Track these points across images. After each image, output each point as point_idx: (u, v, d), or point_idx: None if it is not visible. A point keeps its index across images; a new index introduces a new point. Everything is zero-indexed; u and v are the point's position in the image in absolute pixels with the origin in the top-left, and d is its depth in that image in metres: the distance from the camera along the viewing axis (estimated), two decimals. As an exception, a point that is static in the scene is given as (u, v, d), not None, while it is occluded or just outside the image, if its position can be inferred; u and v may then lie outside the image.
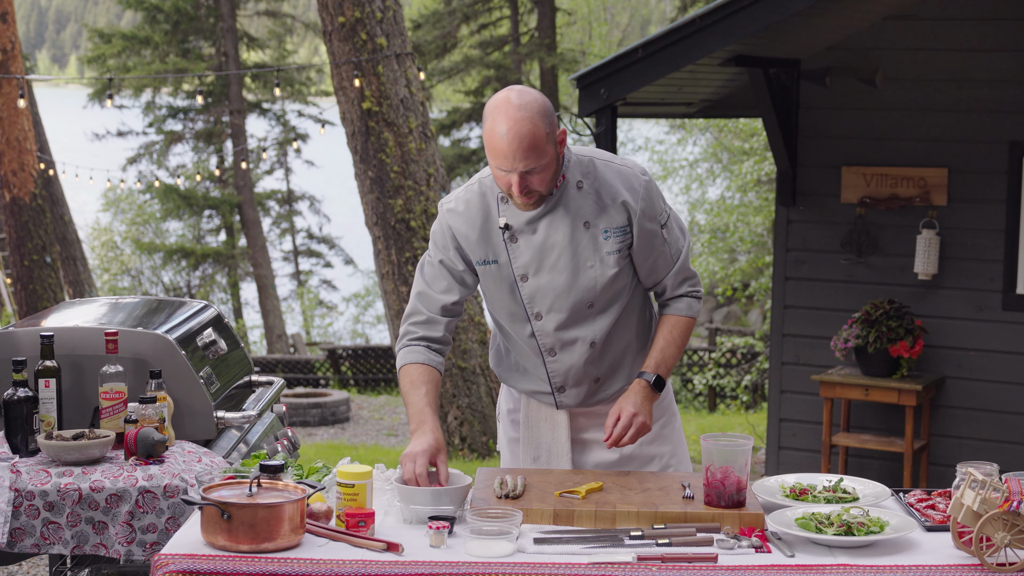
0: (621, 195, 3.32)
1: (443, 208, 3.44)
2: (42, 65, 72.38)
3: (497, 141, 3.15)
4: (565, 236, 3.31)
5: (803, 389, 7.18)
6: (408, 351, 3.43)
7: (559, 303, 3.36)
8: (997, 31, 6.65)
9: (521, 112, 3.14)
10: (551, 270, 3.34)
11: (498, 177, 3.22)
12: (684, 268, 3.45)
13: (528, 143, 3.13)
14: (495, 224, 3.36)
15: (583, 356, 3.41)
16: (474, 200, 3.38)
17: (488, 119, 3.18)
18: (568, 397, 3.49)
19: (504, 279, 3.39)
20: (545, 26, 24.08)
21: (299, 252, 28.87)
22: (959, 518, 2.81)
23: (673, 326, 3.45)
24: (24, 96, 12.73)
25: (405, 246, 10.99)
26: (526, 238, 3.34)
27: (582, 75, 6.56)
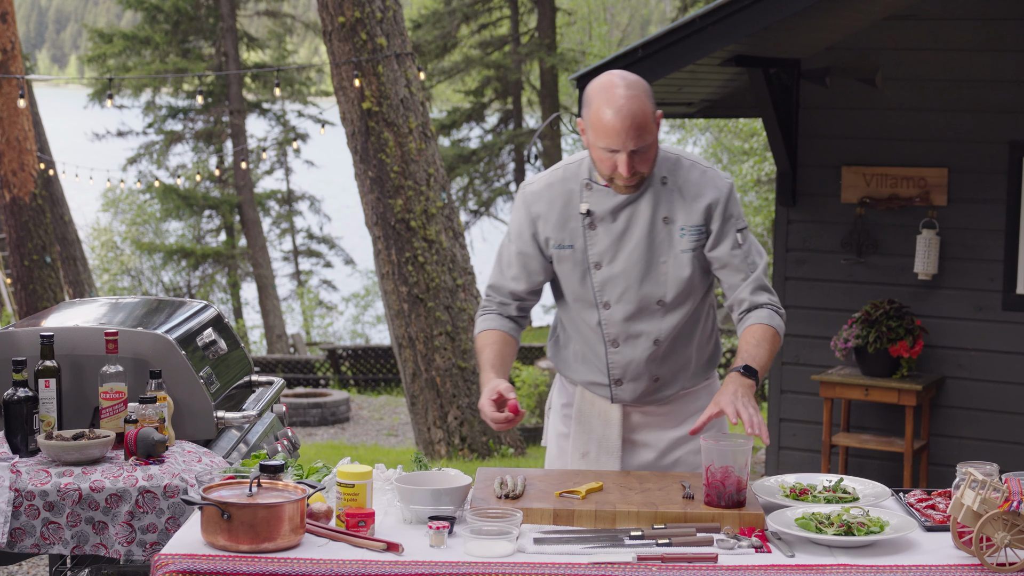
0: (703, 195, 3.36)
1: (524, 191, 3.48)
2: (42, 65, 72.38)
3: (609, 120, 3.19)
4: (643, 228, 3.35)
5: (803, 389, 7.18)
6: (482, 319, 3.57)
7: (629, 294, 3.39)
8: (997, 31, 6.65)
9: (631, 91, 3.21)
10: (626, 260, 3.37)
11: (603, 160, 3.25)
12: (762, 280, 3.41)
13: (639, 121, 3.19)
14: (575, 210, 3.39)
15: (646, 352, 3.43)
16: (556, 184, 3.42)
17: (595, 101, 3.22)
18: (625, 391, 3.49)
19: (577, 265, 3.41)
20: (545, 26, 24.09)
21: (299, 252, 28.87)
22: (959, 518, 2.81)
23: (755, 331, 3.35)
24: (24, 96, 12.74)
25: (405, 246, 11.00)
26: (605, 226, 3.37)
27: (582, 75, 6.56)
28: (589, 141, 3.27)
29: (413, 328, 11.06)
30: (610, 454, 3.52)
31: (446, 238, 11.15)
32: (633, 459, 3.55)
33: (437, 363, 11.07)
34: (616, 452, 3.52)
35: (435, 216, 11.09)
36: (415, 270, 11.00)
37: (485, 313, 3.57)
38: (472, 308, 11.25)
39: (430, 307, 11.03)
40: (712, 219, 3.37)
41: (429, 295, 11.02)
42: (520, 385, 14.13)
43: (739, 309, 3.42)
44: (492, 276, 3.57)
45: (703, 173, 3.38)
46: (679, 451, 3.53)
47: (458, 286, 11.16)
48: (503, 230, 29.14)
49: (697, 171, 3.38)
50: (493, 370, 3.39)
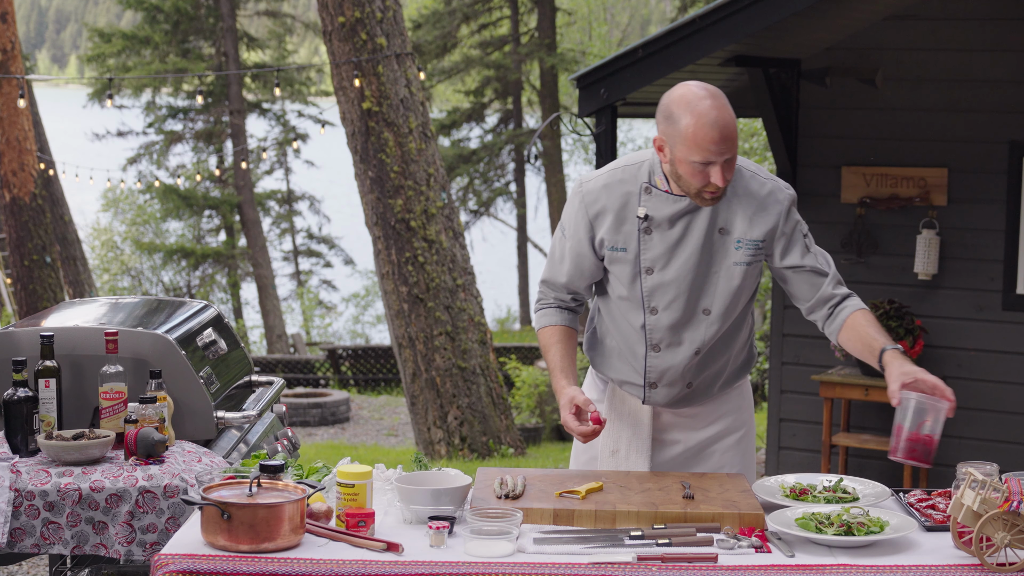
0: (766, 211, 3.33)
1: (582, 188, 3.43)
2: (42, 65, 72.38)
3: (704, 130, 3.13)
4: (699, 238, 3.32)
5: (803, 389, 7.18)
6: (542, 315, 3.57)
7: (678, 302, 3.37)
8: (997, 31, 6.65)
9: (718, 100, 3.17)
10: (679, 268, 3.35)
11: (693, 174, 3.20)
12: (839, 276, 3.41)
13: (733, 130, 3.16)
14: (632, 212, 3.36)
15: (686, 359, 3.43)
16: (615, 185, 3.38)
17: (684, 114, 3.16)
18: (658, 395, 3.49)
19: (629, 268, 3.39)
20: (545, 26, 24.09)
21: (299, 252, 28.87)
22: (959, 518, 2.81)
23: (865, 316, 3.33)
24: (24, 96, 12.74)
25: (405, 246, 10.99)
26: (661, 232, 3.34)
27: (582, 75, 6.55)
28: (676, 156, 3.20)
29: (413, 328, 11.06)
30: (640, 453, 3.53)
31: (446, 238, 11.15)
32: (662, 458, 3.56)
33: (437, 363, 11.07)
34: (646, 451, 3.53)
35: (435, 216, 11.09)
36: (415, 270, 11.00)
37: (543, 307, 3.56)
38: (472, 308, 11.25)
39: (430, 307, 11.03)
40: (775, 235, 3.34)
41: (429, 295, 11.02)
42: (520, 385, 14.14)
43: (827, 305, 3.39)
44: (546, 270, 3.55)
45: (763, 184, 3.35)
46: (706, 451, 3.55)
47: (458, 286, 11.16)
48: (503, 230, 29.22)
49: (757, 182, 3.35)
50: (564, 376, 3.41)
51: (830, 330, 3.41)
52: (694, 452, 3.55)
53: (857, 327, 3.33)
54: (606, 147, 6.59)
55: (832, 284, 3.38)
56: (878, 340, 3.26)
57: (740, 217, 3.33)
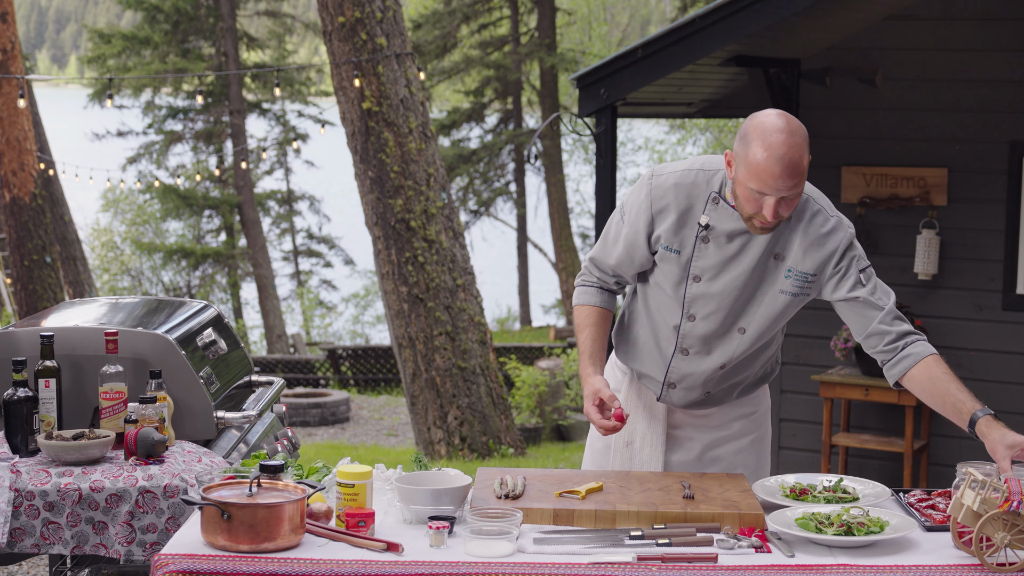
0: (823, 246, 3.30)
1: (652, 180, 3.39)
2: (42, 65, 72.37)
3: (768, 163, 3.10)
4: (753, 259, 3.31)
5: (803, 389, 7.18)
6: (581, 291, 3.56)
7: (716, 315, 3.36)
8: (997, 31, 6.65)
9: (795, 138, 3.13)
10: (726, 283, 3.33)
11: (747, 199, 3.18)
12: (896, 312, 3.34)
13: (797, 169, 3.11)
14: (695, 217, 3.33)
15: (710, 369, 3.43)
16: (685, 186, 3.34)
17: (755, 141, 3.13)
18: (674, 395, 3.50)
19: (677, 271, 3.37)
20: (545, 26, 24.09)
21: (299, 252, 28.87)
22: (959, 518, 2.81)
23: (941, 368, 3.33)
24: (24, 96, 12.74)
25: (405, 246, 10.99)
26: (718, 245, 3.32)
27: (582, 75, 6.55)
28: (738, 177, 3.18)
29: (413, 328, 11.06)
30: (654, 447, 3.53)
31: (446, 238, 11.15)
32: (675, 454, 3.56)
33: (437, 363, 11.07)
34: (660, 446, 3.53)
35: (435, 216, 11.09)
36: (415, 270, 11.00)
37: (586, 284, 3.55)
38: (472, 308, 11.25)
39: (430, 307, 11.03)
40: (827, 268, 3.30)
41: (429, 295, 11.02)
42: (520, 385, 14.14)
43: (884, 341, 3.31)
44: (597, 249, 3.53)
45: (826, 220, 3.32)
46: (720, 449, 3.55)
47: (458, 286, 11.16)
48: (503, 230, 29.21)
49: (822, 218, 3.32)
50: (592, 363, 3.41)
51: (892, 373, 3.33)
52: (707, 450, 3.56)
53: (936, 381, 3.29)
54: (606, 147, 6.59)
55: (889, 320, 3.31)
56: (967, 404, 3.21)
57: (797, 247, 3.30)
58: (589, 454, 3.71)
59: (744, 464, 3.57)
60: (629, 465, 3.53)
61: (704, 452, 3.56)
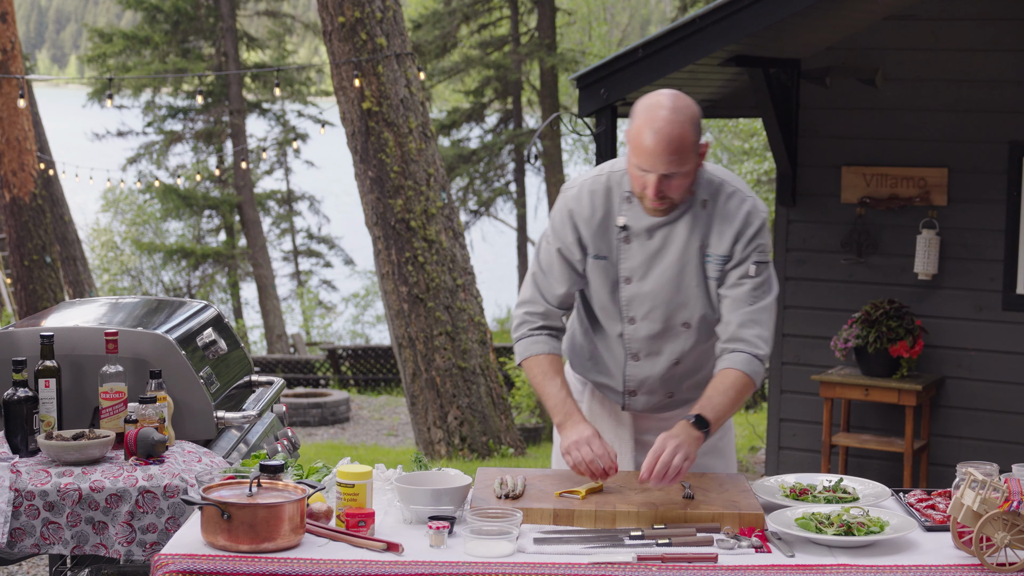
0: (734, 226, 3.27)
1: (567, 195, 3.40)
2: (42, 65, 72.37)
3: (645, 139, 3.13)
4: (678, 250, 3.29)
5: (803, 389, 7.18)
6: (531, 342, 3.44)
7: (655, 313, 3.34)
8: (997, 31, 6.65)
9: (675, 115, 3.14)
10: (657, 279, 3.31)
11: (635, 177, 3.20)
12: (758, 315, 3.28)
13: (676, 146, 3.12)
14: (613, 221, 3.33)
15: (664, 369, 3.41)
16: (599, 192, 3.35)
17: (638, 117, 3.17)
18: (637, 402, 3.49)
19: (608, 277, 3.37)
20: (545, 26, 24.07)
21: (299, 252, 28.86)
22: (959, 518, 2.81)
23: (727, 377, 3.25)
24: (24, 96, 12.74)
25: (405, 246, 10.99)
26: (640, 242, 3.31)
27: (582, 75, 6.55)
28: (628, 155, 3.21)
29: (413, 328, 11.06)
30: (623, 454, 3.52)
31: (446, 238, 11.15)
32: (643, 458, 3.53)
33: (437, 363, 11.07)
34: (629, 452, 3.53)
35: (435, 216, 11.09)
36: (415, 270, 10.99)
37: (533, 334, 3.44)
38: (472, 308, 11.24)
39: (430, 307, 11.03)
40: (735, 248, 3.28)
41: (429, 295, 11.02)
42: (520, 385, 14.13)
43: (723, 336, 3.30)
44: (531, 289, 3.45)
45: (741, 201, 3.30)
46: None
47: (458, 286, 11.16)
48: (503, 230, 29.19)
49: (737, 198, 3.30)
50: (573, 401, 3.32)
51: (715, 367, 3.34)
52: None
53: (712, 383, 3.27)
54: (606, 147, 6.59)
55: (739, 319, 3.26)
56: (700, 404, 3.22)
57: (715, 232, 3.29)
58: (556, 462, 3.65)
59: (713, 464, 3.54)
60: None
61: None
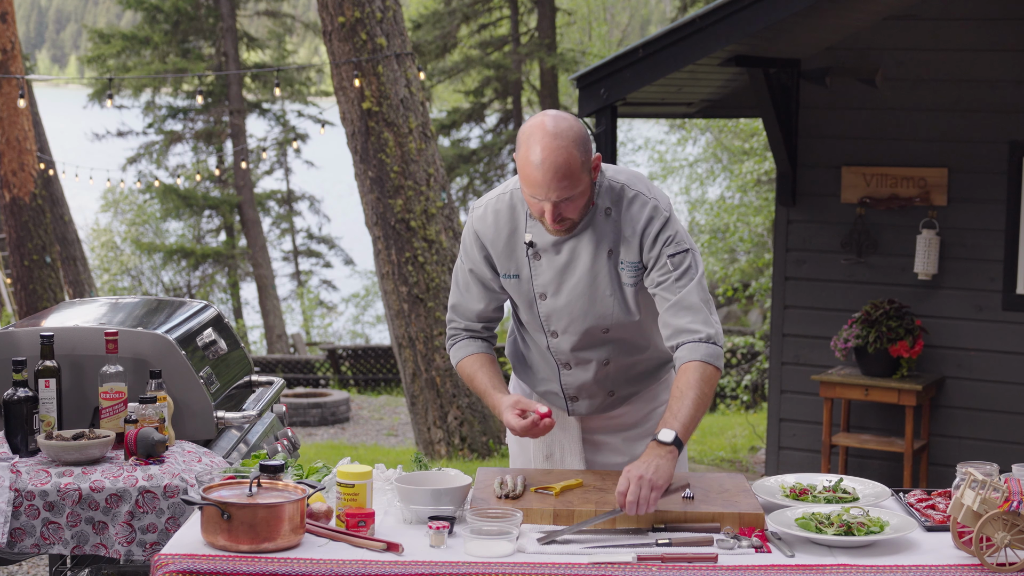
0: (639, 229, 3.22)
1: (473, 215, 3.39)
2: (42, 65, 72.37)
3: (532, 170, 3.08)
4: (587, 262, 3.25)
5: (803, 389, 7.18)
6: (457, 348, 3.47)
7: (574, 326, 3.32)
8: (997, 31, 6.65)
9: (557, 141, 3.06)
10: (570, 293, 3.29)
11: (531, 204, 3.17)
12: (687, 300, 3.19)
13: (563, 173, 3.06)
14: (521, 238, 3.30)
15: (595, 373, 3.41)
16: (503, 211, 3.32)
17: (523, 146, 3.11)
18: (581, 407, 3.50)
19: (524, 294, 3.35)
20: (545, 26, 24.07)
21: (299, 252, 28.86)
22: (959, 518, 2.81)
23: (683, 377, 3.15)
24: (24, 96, 12.73)
25: (405, 246, 10.99)
26: (549, 258, 3.28)
27: (582, 75, 6.56)
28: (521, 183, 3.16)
29: (413, 328, 11.06)
30: (573, 455, 3.53)
31: (446, 238, 11.15)
32: (598, 458, 3.56)
33: (437, 363, 11.06)
34: (579, 453, 3.53)
35: (435, 216, 11.09)
36: (415, 270, 11.00)
37: (456, 341, 3.46)
38: (472, 308, 11.24)
39: (430, 307, 11.02)
40: (644, 251, 3.23)
41: (429, 295, 11.02)
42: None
43: (666, 335, 3.23)
44: (453, 298, 3.47)
45: (643, 205, 3.22)
46: (640, 444, 3.50)
47: (458, 286, 11.15)
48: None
49: (639, 203, 3.22)
50: (499, 391, 3.33)
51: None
52: (628, 447, 3.53)
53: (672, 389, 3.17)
54: (606, 147, 6.59)
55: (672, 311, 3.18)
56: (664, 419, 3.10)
57: (622, 239, 3.23)
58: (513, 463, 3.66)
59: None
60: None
61: (627, 449, 3.52)
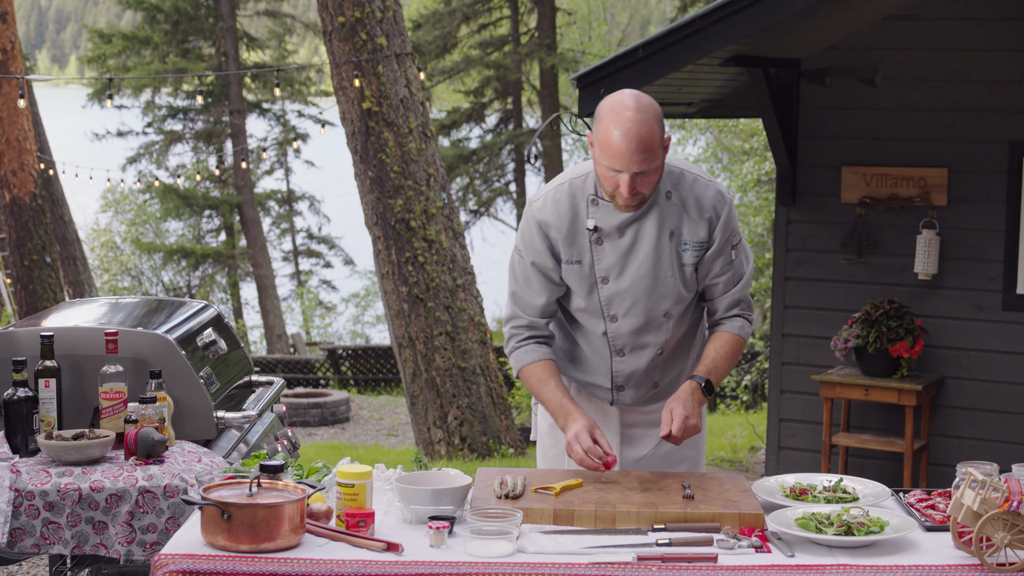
0: (707, 210, 3.40)
1: (533, 207, 3.47)
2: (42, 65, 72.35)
3: (614, 141, 3.21)
4: (651, 243, 3.38)
5: (803, 389, 7.18)
6: (522, 352, 3.51)
7: (636, 308, 3.42)
8: (997, 31, 6.65)
9: (640, 114, 3.22)
10: (633, 275, 3.39)
11: (606, 178, 3.27)
12: (741, 292, 3.52)
13: (645, 145, 3.20)
14: (582, 225, 3.40)
15: (649, 360, 3.49)
16: (563, 199, 3.42)
17: (604, 120, 3.24)
18: (626, 396, 3.55)
19: (585, 279, 3.43)
20: (545, 26, 24.07)
21: (299, 252, 28.86)
22: (959, 518, 2.81)
23: (726, 341, 3.50)
24: (24, 96, 12.74)
25: (405, 246, 10.99)
26: (612, 242, 3.39)
27: (582, 75, 6.55)
28: (595, 157, 3.29)
29: (413, 328, 11.06)
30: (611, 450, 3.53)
31: (446, 238, 11.15)
32: (632, 452, 3.60)
33: (437, 363, 11.06)
34: (616, 446, 3.57)
35: (435, 216, 11.09)
36: (415, 270, 10.99)
37: (522, 344, 3.52)
38: (472, 308, 11.24)
39: (430, 307, 11.02)
40: (713, 234, 3.41)
41: (429, 295, 11.02)
42: (520, 385, 14.13)
43: (714, 316, 3.54)
44: (515, 295, 3.52)
45: (706, 187, 3.42)
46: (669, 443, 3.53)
47: (458, 286, 11.16)
48: (503, 230, 29.22)
49: (700, 185, 3.42)
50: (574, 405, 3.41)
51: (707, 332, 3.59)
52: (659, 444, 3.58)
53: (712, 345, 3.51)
54: (606, 147, 6.58)
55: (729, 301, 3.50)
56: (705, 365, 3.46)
57: (686, 220, 3.40)
58: (543, 461, 3.70)
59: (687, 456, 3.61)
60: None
61: (657, 447, 3.59)
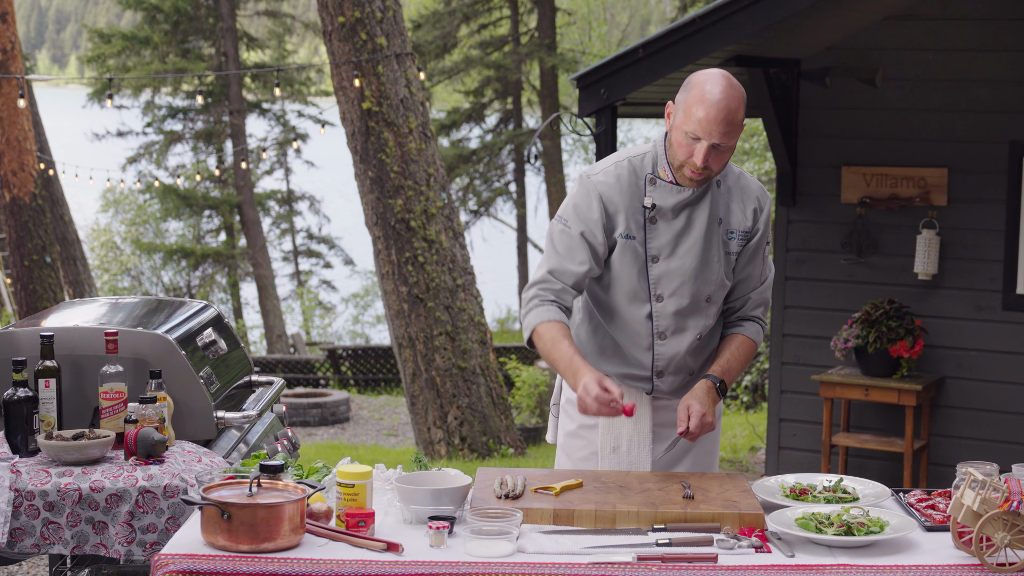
0: (752, 201, 3.51)
1: (592, 179, 3.49)
2: (42, 65, 72.36)
3: (706, 107, 3.28)
4: (702, 228, 3.45)
5: (803, 389, 7.18)
6: (543, 309, 3.46)
7: (683, 289, 3.48)
8: (997, 31, 6.65)
9: (732, 90, 3.32)
10: (684, 256, 3.46)
11: (681, 145, 3.34)
12: (764, 295, 3.62)
13: (731, 118, 3.29)
14: (639, 202, 3.46)
15: (689, 345, 3.53)
16: (625, 175, 3.48)
17: (695, 87, 3.32)
18: (665, 383, 3.57)
19: (636, 257, 3.47)
20: (545, 26, 24.07)
21: (299, 252, 28.85)
22: (959, 518, 2.81)
23: (741, 344, 3.59)
24: (24, 96, 12.74)
25: (405, 246, 10.99)
26: (666, 221, 3.45)
27: (582, 75, 6.55)
28: (675, 123, 3.36)
29: (413, 328, 11.06)
30: (642, 447, 3.54)
31: (446, 238, 11.15)
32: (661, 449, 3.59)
33: (437, 363, 11.06)
34: (648, 444, 3.55)
35: (435, 216, 11.09)
36: (415, 270, 11.00)
37: (544, 303, 3.46)
38: (472, 308, 11.24)
39: (430, 307, 11.03)
40: (756, 223, 3.52)
41: (429, 295, 11.02)
42: (520, 385, 14.13)
43: (734, 314, 3.63)
44: (552, 262, 3.47)
45: (751, 180, 3.55)
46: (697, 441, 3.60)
47: (458, 286, 11.16)
48: (503, 230, 29.19)
49: (746, 178, 3.54)
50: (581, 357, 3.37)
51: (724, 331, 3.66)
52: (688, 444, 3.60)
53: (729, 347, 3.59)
54: (606, 147, 6.59)
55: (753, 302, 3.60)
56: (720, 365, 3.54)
57: (735, 209, 3.50)
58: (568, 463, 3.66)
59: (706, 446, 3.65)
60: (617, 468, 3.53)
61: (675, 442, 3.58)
